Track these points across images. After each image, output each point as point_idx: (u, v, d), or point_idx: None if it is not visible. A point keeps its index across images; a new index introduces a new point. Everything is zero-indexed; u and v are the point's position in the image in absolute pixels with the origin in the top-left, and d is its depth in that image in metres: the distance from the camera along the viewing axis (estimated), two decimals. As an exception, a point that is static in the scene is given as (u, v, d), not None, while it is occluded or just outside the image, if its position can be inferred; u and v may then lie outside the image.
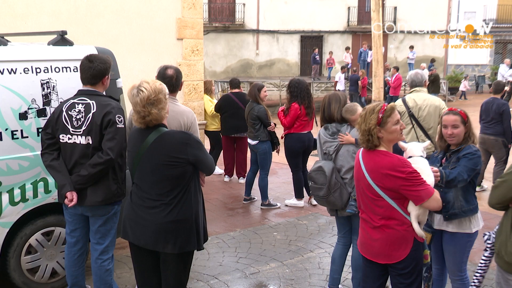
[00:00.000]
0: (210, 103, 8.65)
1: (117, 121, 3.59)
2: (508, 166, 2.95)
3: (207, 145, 9.19)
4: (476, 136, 3.55)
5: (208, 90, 8.90)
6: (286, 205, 7.07)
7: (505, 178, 2.90)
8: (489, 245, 3.08)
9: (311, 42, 26.23)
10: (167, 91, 3.17)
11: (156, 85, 3.08)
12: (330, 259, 4.41)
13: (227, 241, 5.71)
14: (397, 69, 18.84)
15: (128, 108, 3.66)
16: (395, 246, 2.97)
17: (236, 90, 8.25)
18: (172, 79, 3.89)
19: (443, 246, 3.57)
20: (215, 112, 8.33)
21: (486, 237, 3.09)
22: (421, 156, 3.21)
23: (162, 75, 3.92)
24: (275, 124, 7.00)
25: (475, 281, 3.26)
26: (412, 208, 2.93)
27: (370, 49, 22.40)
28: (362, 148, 3.13)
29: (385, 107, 2.97)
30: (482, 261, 3.15)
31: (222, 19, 25.81)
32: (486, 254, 3.11)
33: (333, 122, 4.21)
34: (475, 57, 25.94)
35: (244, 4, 25.52)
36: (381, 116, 2.94)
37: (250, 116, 6.85)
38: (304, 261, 5.14)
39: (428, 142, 3.37)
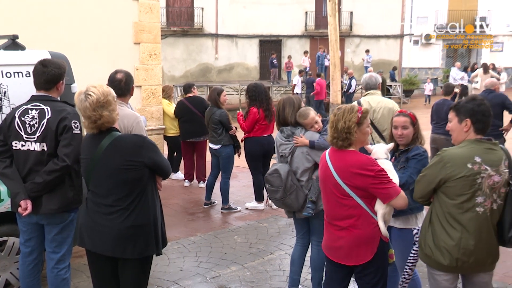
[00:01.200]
0: (168, 107, 8.60)
1: (73, 127, 3.53)
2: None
3: (165, 150, 9.13)
4: (424, 137, 3.70)
5: (167, 95, 8.85)
6: (247, 209, 7.11)
7: (425, 173, 3.05)
8: (417, 239, 3.24)
9: (270, 46, 26.44)
10: (114, 93, 3.16)
11: (103, 88, 3.08)
12: (290, 260, 4.48)
13: (188, 246, 5.68)
14: (318, 75, 19.70)
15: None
16: (363, 246, 3.01)
17: (190, 95, 8.23)
18: (120, 83, 3.86)
19: (391, 242, 3.68)
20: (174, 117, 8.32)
21: (415, 231, 3.25)
22: (386, 158, 3.32)
23: (111, 79, 3.91)
24: (235, 128, 7.04)
25: (405, 273, 3.41)
26: (379, 207, 3.00)
27: (328, 53, 22.90)
28: (328, 150, 3.17)
29: (362, 108, 3.05)
30: (411, 255, 3.31)
31: (181, 23, 25.67)
32: (415, 247, 3.27)
33: (288, 125, 4.30)
34: (428, 60, 26.81)
35: (202, 9, 25.49)
36: (359, 116, 3.01)
37: (212, 121, 6.84)
38: (264, 263, 5.19)
39: (392, 144, 3.47)
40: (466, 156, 2.90)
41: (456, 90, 14.84)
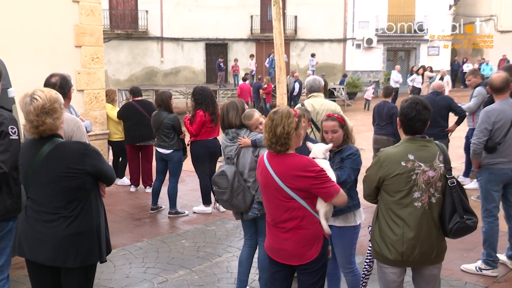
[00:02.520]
0: (112, 111, 8.44)
1: (10, 133, 3.39)
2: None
3: (110, 155, 8.94)
4: (354, 137, 3.85)
5: (110, 99, 8.68)
6: (194, 212, 7.08)
7: (368, 173, 3.21)
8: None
9: (216, 49, 26.42)
10: (62, 100, 3.07)
11: (51, 93, 2.98)
12: (238, 262, 4.50)
13: (134, 252, 5.60)
14: (244, 79, 20.44)
15: (22, 119, 3.49)
16: (308, 246, 3.05)
17: (139, 98, 8.12)
18: (54, 87, 3.77)
19: (332, 241, 3.79)
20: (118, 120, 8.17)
21: (370, 229, 3.36)
22: (324, 157, 3.39)
23: (46, 83, 3.85)
24: (184, 132, 7.00)
25: (364, 270, 3.52)
26: (321, 206, 3.05)
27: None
28: (265, 153, 3.17)
29: (297, 112, 3.08)
30: (368, 251, 3.42)
31: (125, 26, 25.20)
32: (370, 244, 3.37)
33: (233, 128, 4.36)
34: (370, 64, 27.66)
35: (147, 11, 25.13)
36: (296, 121, 3.04)
37: (165, 126, 6.75)
38: (212, 266, 5.19)
39: (331, 144, 3.56)
40: (400, 154, 3.05)
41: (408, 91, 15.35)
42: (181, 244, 5.85)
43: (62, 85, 3.85)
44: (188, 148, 6.98)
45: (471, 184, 7.80)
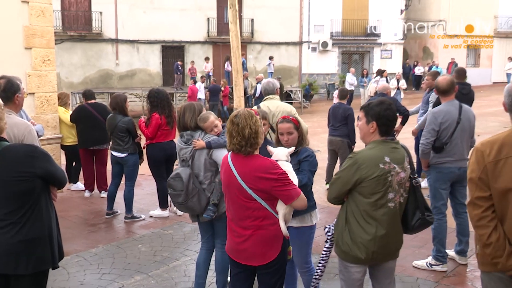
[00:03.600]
0: (65, 114, 8.23)
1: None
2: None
3: (63, 160, 8.71)
4: (308, 138, 3.92)
5: (63, 103, 8.47)
6: (151, 216, 7.00)
7: (339, 175, 3.24)
8: (329, 237, 3.40)
9: (173, 52, 26.18)
10: (1, 102, 3.01)
11: None
12: (195, 265, 4.49)
13: (89, 258, 5.48)
14: (195, 81, 20.72)
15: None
16: (268, 246, 3.09)
17: (92, 101, 7.96)
18: None
19: (289, 241, 3.85)
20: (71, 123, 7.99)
21: (326, 229, 3.42)
22: (286, 160, 3.45)
23: None
24: (139, 135, 6.91)
25: (318, 270, 3.58)
26: (280, 208, 3.10)
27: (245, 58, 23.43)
28: (229, 153, 3.19)
29: (256, 111, 3.13)
30: (324, 252, 3.47)
31: (78, 27, 24.60)
32: (327, 245, 3.43)
33: (188, 130, 4.36)
34: (325, 66, 28.12)
35: (101, 13, 24.63)
36: (259, 118, 3.11)
37: (119, 129, 6.64)
38: (169, 271, 5.15)
39: (293, 148, 3.61)
40: (377, 156, 3.12)
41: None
42: (137, 249, 5.77)
43: (6, 88, 3.74)
44: (144, 151, 6.90)
45: (422, 183, 8.05)
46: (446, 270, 4.98)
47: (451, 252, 5.21)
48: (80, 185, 8.51)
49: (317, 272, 3.57)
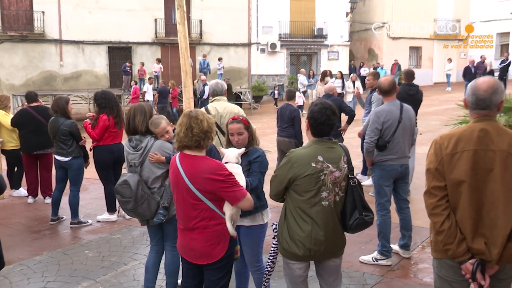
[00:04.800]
0: (5, 118, 7.91)
1: None
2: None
3: (4, 165, 8.36)
4: (258, 138, 3.97)
5: (3, 106, 8.14)
6: (99, 221, 6.85)
7: (277, 173, 3.32)
8: (276, 233, 3.47)
9: (120, 53, 25.63)
10: None
11: None
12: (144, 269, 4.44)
13: (33, 266, 5.30)
14: (136, 82, 20.97)
15: None
16: (214, 244, 3.13)
17: (35, 104, 7.69)
18: None
19: (241, 240, 3.89)
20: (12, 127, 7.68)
21: (274, 226, 3.48)
22: (236, 162, 3.49)
23: None
24: (84, 138, 6.74)
25: (268, 267, 3.63)
26: (227, 208, 3.14)
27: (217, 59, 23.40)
28: (178, 154, 3.20)
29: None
30: (272, 248, 3.53)
31: (19, 27, 23.62)
32: (274, 242, 3.49)
33: (137, 134, 4.26)
34: (274, 68, 28.36)
35: (43, 12, 23.77)
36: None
37: (61, 132, 6.45)
38: (118, 276, 5.06)
39: (243, 149, 3.64)
40: (310, 155, 3.19)
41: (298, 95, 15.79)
42: (84, 255, 5.63)
43: None
44: (91, 153, 6.74)
45: (368, 181, 8.30)
46: (391, 264, 5.16)
47: (395, 247, 5.40)
48: (22, 191, 8.21)
49: (267, 268, 3.61)
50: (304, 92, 21.13)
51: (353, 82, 17.32)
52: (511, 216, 2.61)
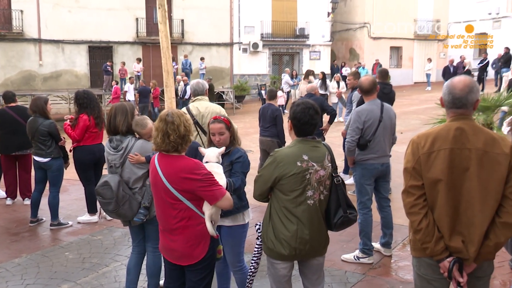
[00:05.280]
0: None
1: None
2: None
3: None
4: (240, 138, 3.96)
5: (-20, 106, 8.00)
6: (79, 223, 6.77)
7: (261, 173, 3.31)
8: (259, 234, 3.47)
9: (101, 53, 25.37)
10: None
11: None
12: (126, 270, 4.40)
13: (11, 269, 5.22)
14: (116, 82, 21.06)
15: None
16: (194, 245, 3.12)
17: (13, 104, 7.56)
18: None
19: (222, 240, 3.88)
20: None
21: (257, 227, 3.48)
22: (217, 161, 3.47)
23: None
24: (64, 138, 6.65)
25: (251, 267, 3.63)
26: (206, 208, 3.12)
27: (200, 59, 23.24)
28: (157, 154, 3.19)
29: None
30: (256, 249, 3.53)
31: (-4, 26, 23.27)
32: (258, 242, 3.49)
33: (118, 134, 4.22)
34: (256, 67, 28.38)
35: (22, 11, 23.40)
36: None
37: (40, 133, 6.36)
38: (99, 277, 5.00)
39: (223, 148, 3.62)
40: (295, 155, 3.19)
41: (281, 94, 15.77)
42: (64, 257, 5.56)
43: None
44: (71, 154, 6.66)
45: (349, 180, 8.36)
46: (372, 262, 5.20)
47: (376, 245, 5.45)
48: (1, 192, 8.07)
49: (250, 269, 3.61)
50: (288, 92, 21.18)
51: (337, 83, 17.39)
52: (487, 214, 2.64)
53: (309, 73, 18.54)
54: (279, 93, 19.82)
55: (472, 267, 2.71)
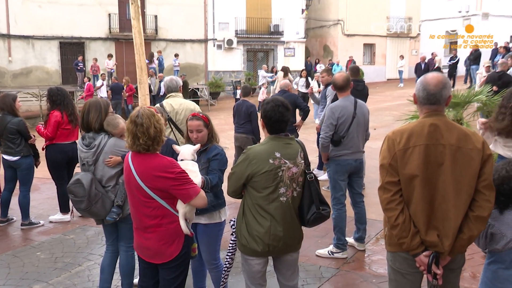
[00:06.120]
0: None
1: None
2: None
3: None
4: (218, 135, 3.95)
5: None
6: (51, 222, 6.65)
7: (234, 170, 3.31)
8: (234, 230, 3.47)
9: (72, 49, 24.89)
10: None
11: None
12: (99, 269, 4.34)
13: (-19, 270, 5.10)
14: (89, 78, 20.68)
15: None
16: (168, 243, 3.11)
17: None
18: None
19: (198, 238, 3.87)
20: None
21: (232, 223, 3.48)
22: (192, 159, 3.44)
23: None
24: (34, 136, 6.51)
25: (226, 263, 3.63)
26: (180, 206, 3.10)
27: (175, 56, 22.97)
28: (130, 152, 3.16)
29: (156, 109, 3.11)
30: (230, 244, 3.53)
31: (-37, 21, 22.61)
32: (233, 238, 3.49)
33: (91, 130, 4.15)
34: (231, 64, 28.31)
35: (-10, 6, 22.82)
36: (161, 116, 3.10)
37: (9, 131, 6.21)
38: (72, 277, 4.93)
39: (198, 145, 3.60)
40: (267, 152, 3.20)
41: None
42: (36, 257, 5.46)
43: None
44: (43, 152, 6.53)
45: (324, 176, 8.42)
46: (346, 256, 5.26)
47: (350, 240, 5.51)
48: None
49: (225, 265, 3.61)
50: (266, 87, 21.23)
51: (317, 82, 17.50)
52: (461, 208, 2.69)
53: (287, 70, 18.62)
54: (262, 89, 19.89)
55: (447, 260, 2.76)
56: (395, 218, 2.74)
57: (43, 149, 6.52)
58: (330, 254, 5.28)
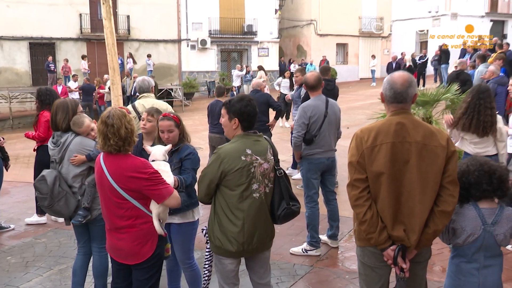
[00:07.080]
0: None
1: None
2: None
3: None
4: (189, 135, 3.96)
5: None
6: (28, 224, 6.54)
7: (205, 172, 3.29)
8: (207, 238, 3.46)
9: (43, 49, 24.42)
10: None
11: None
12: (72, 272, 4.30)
13: (-51, 276, 4.98)
14: (60, 79, 20.38)
15: None
16: (142, 244, 3.10)
17: None
18: None
19: (171, 238, 3.87)
20: None
21: (204, 231, 3.47)
22: (163, 159, 3.44)
23: None
24: (3, 139, 6.39)
25: (206, 271, 3.65)
26: (153, 207, 3.10)
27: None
28: (102, 153, 3.15)
29: (127, 110, 3.10)
30: (207, 253, 3.55)
31: None
32: (208, 246, 3.48)
33: (59, 130, 4.16)
34: (205, 64, 28.22)
35: (-44, 6, 22.23)
36: (132, 117, 3.10)
37: None
38: (44, 281, 4.86)
39: (169, 146, 3.60)
40: (238, 149, 3.21)
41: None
42: (6, 262, 5.36)
43: None
44: (34, 153, 6.43)
45: (298, 175, 8.50)
46: (320, 254, 5.33)
47: (323, 237, 5.58)
48: None
49: (205, 273, 3.62)
50: (239, 87, 21.26)
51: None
52: (426, 204, 2.77)
53: (261, 68, 18.72)
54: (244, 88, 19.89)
55: (413, 253, 2.84)
56: (363, 214, 2.81)
57: (34, 150, 6.45)
58: (304, 252, 5.33)
